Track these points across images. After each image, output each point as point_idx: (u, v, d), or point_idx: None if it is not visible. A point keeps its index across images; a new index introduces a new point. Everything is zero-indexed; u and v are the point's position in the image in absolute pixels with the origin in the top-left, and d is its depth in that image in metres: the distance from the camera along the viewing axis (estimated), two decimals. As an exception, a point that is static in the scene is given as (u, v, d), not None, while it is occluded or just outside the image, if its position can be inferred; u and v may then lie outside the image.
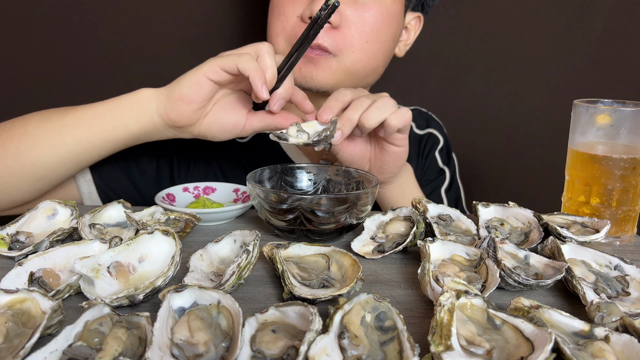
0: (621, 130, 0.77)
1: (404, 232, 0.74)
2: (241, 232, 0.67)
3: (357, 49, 0.94)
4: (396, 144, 0.86)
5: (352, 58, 0.94)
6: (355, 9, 0.92)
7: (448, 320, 0.47)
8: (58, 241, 0.69)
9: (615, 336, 0.48)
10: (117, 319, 0.49)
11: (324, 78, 0.95)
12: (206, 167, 1.07)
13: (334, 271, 0.62)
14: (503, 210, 0.79)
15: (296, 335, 0.48)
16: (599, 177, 0.78)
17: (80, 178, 0.97)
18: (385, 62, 1.01)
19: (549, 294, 0.62)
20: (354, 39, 0.93)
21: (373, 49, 0.95)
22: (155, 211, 0.77)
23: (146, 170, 1.05)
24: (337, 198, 0.71)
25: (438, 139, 1.18)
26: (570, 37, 1.29)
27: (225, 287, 0.56)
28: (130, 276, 0.59)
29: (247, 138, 1.11)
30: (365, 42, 0.94)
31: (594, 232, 0.73)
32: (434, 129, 1.20)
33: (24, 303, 0.51)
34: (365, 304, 0.52)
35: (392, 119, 0.80)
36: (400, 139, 0.85)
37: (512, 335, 0.48)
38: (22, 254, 0.65)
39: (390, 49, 1.00)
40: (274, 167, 0.82)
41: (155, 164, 1.06)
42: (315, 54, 0.93)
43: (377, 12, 0.93)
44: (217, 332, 0.48)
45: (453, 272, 0.61)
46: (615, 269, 0.64)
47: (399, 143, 0.86)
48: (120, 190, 1.02)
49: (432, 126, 1.21)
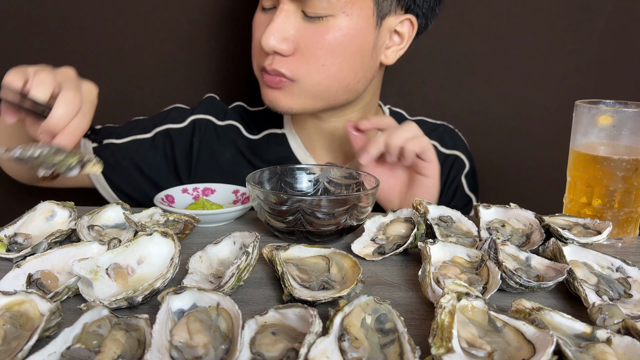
0: (623, 131, 0.77)
1: (405, 234, 0.74)
2: (241, 234, 0.67)
3: (314, 73, 0.95)
4: (423, 172, 0.90)
5: (311, 82, 0.96)
6: (305, 35, 0.93)
7: (449, 323, 0.47)
8: (56, 243, 0.69)
9: (617, 338, 0.48)
10: (116, 321, 0.49)
11: (288, 103, 0.98)
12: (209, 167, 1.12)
13: (334, 273, 0.62)
14: (504, 212, 0.79)
15: (296, 338, 0.48)
16: (600, 178, 0.78)
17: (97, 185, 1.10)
18: (359, 78, 0.99)
19: (550, 296, 0.62)
20: (309, 64, 0.94)
21: (333, 70, 0.95)
22: (154, 212, 0.77)
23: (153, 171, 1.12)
24: (337, 199, 0.71)
25: (464, 163, 1.18)
26: (572, 37, 1.29)
27: (224, 289, 0.56)
28: (129, 278, 0.59)
29: (259, 135, 1.15)
30: (322, 66, 0.94)
31: (596, 233, 0.73)
32: (460, 152, 1.18)
33: (22, 305, 0.51)
34: (365, 306, 0.52)
35: (409, 144, 0.86)
36: (426, 167, 0.89)
37: (513, 337, 0.48)
38: (20, 256, 0.65)
39: (362, 64, 0.98)
40: (274, 168, 0.83)
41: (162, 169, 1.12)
42: (273, 80, 0.96)
43: (330, 35, 0.92)
44: (216, 334, 0.48)
45: (454, 274, 0.61)
46: (617, 271, 0.64)
47: (426, 172, 0.90)
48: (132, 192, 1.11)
49: (458, 147, 1.19)
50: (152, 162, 1.11)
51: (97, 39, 1.28)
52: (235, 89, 1.33)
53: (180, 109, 1.17)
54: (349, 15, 0.93)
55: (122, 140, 1.11)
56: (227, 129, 1.15)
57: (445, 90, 1.34)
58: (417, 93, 1.33)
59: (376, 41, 0.98)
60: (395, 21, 0.99)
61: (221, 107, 1.18)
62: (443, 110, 1.32)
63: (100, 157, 1.02)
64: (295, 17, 0.93)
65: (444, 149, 1.17)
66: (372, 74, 1.02)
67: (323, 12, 0.91)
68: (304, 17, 0.92)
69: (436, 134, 1.18)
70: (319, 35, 0.93)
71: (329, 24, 0.92)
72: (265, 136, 1.15)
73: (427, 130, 1.16)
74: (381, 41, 0.99)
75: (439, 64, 1.32)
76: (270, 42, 0.91)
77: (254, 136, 1.16)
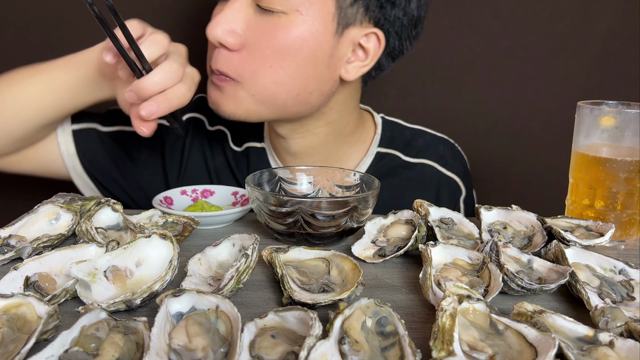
0: (626, 132, 0.77)
1: (406, 236, 0.74)
2: (240, 236, 0.67)
3: (260, 75, 0.88)
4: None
5: (256, 85, 0.89)
6: (255, 30, 0.87)
7: (450, 326, 0.47)
8: (46, 247, 0.68)
9: (620, 341, 0.48)
10: (114, 324, 0.49)
11: (231, 107, 0.92)
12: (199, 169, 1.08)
13: (334, 275, 0.62)
14: (506, 214, 0.79)
15: (296, 341, 0.48)
16: (603, 180, 0.78)
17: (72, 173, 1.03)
18: (312, 89, 0.92)
19: (552, 299, 0.62)
20: (255, 63, 0.88)
21: (281, 74, 0.88)
22: (153, 214, 0.77)
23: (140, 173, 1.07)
24: (338, 201, 0.71)
25: (461, 190, 1.12)
26: (574, 38, 1.29)
27: (223, 291, 0.56)
28: (127, 280, 0.59)
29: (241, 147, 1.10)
30: (269, 67, 0.88)
31: (599, 235, 0.73)
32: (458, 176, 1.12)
33: (20, 308, 0.51)
34: (366, 308, 0.52)
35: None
36: None
37: (515, 340, 0.48)
38: (5, 259, 0.65)
39: (315, 73, 0.90)
40: (274, 169, 0.83)
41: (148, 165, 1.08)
42: (218, 79, 0.90)
43: (281, 33, 0.86)
44: (215, 337, 0.48)
45: (455, 276, 0.61)
46: (620, 274, 0.64)
47: None
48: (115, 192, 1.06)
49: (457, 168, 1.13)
50: (137, 157, 1.06)
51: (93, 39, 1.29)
52: None
53: None
54: (304, 15, 0.86)
55: (107, 128, 1.06)
56: (217, 134, 1.10)
57: (446, 92, 1.34)
58: (417, 94, 1.33)
59: (334, 50, 0.90)
60: (359, 33, 0.91)
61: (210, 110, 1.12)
62: (443, 112, 1.32)
63: (81, 140, 1.00)
64: (247, 10, 0.87)
65: (444, 170, 1.11)
66: (329, 87, 0.94)
67: (278, 6, 0.85)
68: (257, 10, 0.87)
69: (437, 153, 1.12)
70: (269, 32, 0.86)
71: (281, 21, 0.86)
72: (246, 149, 1.09)
73: (427, 144, 1.12)
74: (341, 52, 0.91)
75: (439, 65, 1.32)
76: (217, 33, 0.85)
77: (237, 148, 1.10)
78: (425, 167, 1.10)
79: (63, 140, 1.01)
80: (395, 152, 1.09)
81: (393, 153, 1.09)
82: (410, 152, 1.10)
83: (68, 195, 0.79)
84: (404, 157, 1.10)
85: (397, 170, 1.08)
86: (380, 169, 1.07)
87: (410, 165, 1.09)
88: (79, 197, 0.79)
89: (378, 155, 1.09)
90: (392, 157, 1.09)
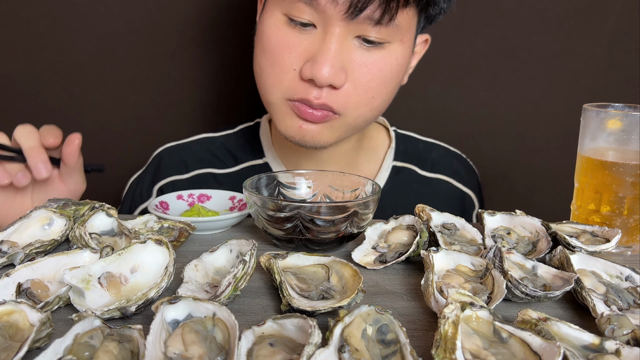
0: (633, 135, 0.77)
1: (407, 242, 0.74)
2: (237, 242, 0.67)
3: (362, 105, 0.89)
4: None
5: (355, 114, 0.90)
6: (360, 65, 0.86)
7: (452, 333, 0.48)
8: (39, 253, 0.67)
9: (627, 350, 0.48)
10: (109, 332, 0.49)
11: (326, 138, 0.92)
12: None
13: (334, 282, 0.62)
14: (510, 219, 0.80)
15: (295, 349, 0.48)
16: (609, 184, 0.78)
17: None
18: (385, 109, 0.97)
19: (557, 306, 0.62)
20: (359, 96, 0.88)
21: (377, 102, 0.91)
22: (149, 219, 0.77)
23: None
24: (337, 206, 0.71)
25: (475, 204, 1.15)
26: (580, 39, 1.30)
27: (220, 298, 0.56)
28: (122, 287, 0.59)
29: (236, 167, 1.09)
30: (371, 98, 0.89)
31: (605, 241, 0.73)
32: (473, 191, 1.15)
33: (12, 315, 0.51)
34: (366, 316, 0.52)
35: None
36: None
37: (519, 348, 0.48)
38: None
39: (394, 94, 0.95)
40: (272, 174, 0.83)
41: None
42: (320, 116, 0.88)
43: (385, 66, 0.87)
44: (212, 345, 0.48)
45: (458, 283, 0.61)
46: (627, 280, 0.65)
47: None
48: None
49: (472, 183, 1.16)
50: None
51: (89, 40, 1.29)
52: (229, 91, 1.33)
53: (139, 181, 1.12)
54: (404, 43, 0.88)
55: None
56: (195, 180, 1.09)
57: (449, 93, 1.34)
58: (419, 96, 1.34)
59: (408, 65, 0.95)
60: (419, 41, 0.96)
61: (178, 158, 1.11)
62: (446, 114, 1.33)
63: None
64: (349, 43, 0.84)
65: (460, 185, 1.14)
66: None
67: (387, 37, 0.85)
68: (361, 44, 0.85)
69: (452, 168, 1.15)
70: (375, 65, 0.86)
71: (386, 52, 0.86)
72: (245, 169, 1.08)
73: (441, 158, 1.15)
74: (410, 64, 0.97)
75: (442, 66, 1.32)
76: (327, 74, 0.82)
77: (230, 169, 1.09)
78: (441, 182, 1.13)
79: None
80: (411, 166, 1.12)
81: (409, 167, 1.12)
82: (425, 166, 1.13)
83: (61, 200, 0.79)
84: (420, 171, 1.12)
85: (412, 185, 1.10)
86: (396, 184, 1.09)
87: (426, 180, 1.12)
88: (73, 202, 0.79)
89: (394, 169, 1.10)
90: (409, 171, 1.12)
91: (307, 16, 0.83)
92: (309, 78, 0.84)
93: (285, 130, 0.92)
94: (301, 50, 0.85)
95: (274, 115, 0.93)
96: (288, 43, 0.85)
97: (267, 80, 0.90)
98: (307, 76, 0.84)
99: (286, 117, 0.91)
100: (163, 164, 1.11)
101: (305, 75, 0.84)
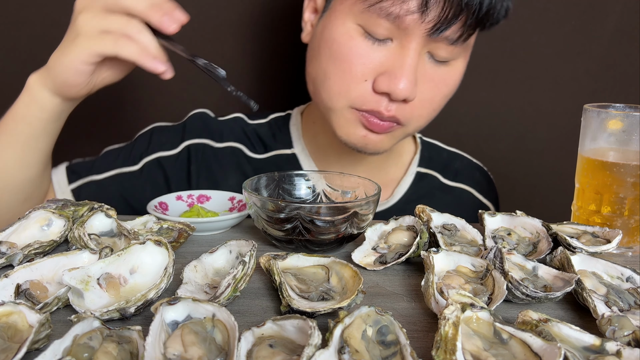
0: (633, 136, 0.77)
1: (407, 243, 0.74)
2: (237, 243, 0.67)
3: (424, 117, 0.92)
4: None
5: (415, 125, 0.93)
6: (429, 81, 0.88)
7: (453, 335, 0.48)
8: (38, 254, 0.67)
9: (628, 351, 0.48)
10: (108, 333, 0.49)
11: (387, 145, 0.94)
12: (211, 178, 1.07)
13: (334, 283, 0.62)
14: (510, 220, 0.80)
15: (294, 350, 0.48)
16: (610, 185, 0.78)
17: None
18: None
19: (558, 307, 0.62)
20: (424, 109, 0.90)
21: (436, 113, 0.94)
22: (148, 220, 0.77)
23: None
24: (337, 207, 0.71)
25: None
26: (581, 39, 1.29)
27: (220, 299, 0.56)
28: (121, 288, 0.59)
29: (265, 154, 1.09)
30: (432, 110, 0.92)
31: (605, 242, 0.73)
32: (492, 203, 1.18)
33: (10, 316, 0.51)
34: (366, 317, 0.52)
35: None
36: None
37: (519, 350, 0.48)
38: None
39: None
40: (271, 174, 0.83)
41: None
42: (386, 126, 0.89)
43: (451, 81, 0.90)
44: (211, 346, 0.48)
45: (458, 284, 0.61)
46: (628, 281, 0.65)
47: None
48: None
49: (491, 195, 1.19)
50: (141, 195, 1.03)
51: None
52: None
53: (165, 130, 1.09)
54: (465, 59, 0.91)
55: (104, 175, 1.05)
56: (226, 151, 1.08)
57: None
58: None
59: None
60: None
61: (216, 126, 1.10)
62: (446, 115, 1.32)
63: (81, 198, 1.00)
64: (422, 58, 0.86)
65: (480, 197, 1.16)
66: None
67: (455, 55, 0.87)
68: (431, 60, 0.87)
69: (474, 179, 1.17)
70: (443, 82, 0.89)
71: (451, 68, 0.89)
72: (272, 157, 1.08)
73: (464, 168, 1.17)
74: None
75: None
76: (405, 89, 0.83)
77: (260, 155, 1.09)
78: (463, 192, 1.14)
79: None
80: (434, 173, 1.13)
81: (432, 174, 1.13)
82: (448, 175, 1.14)
83: (60, 201, 0.79)
84: (443, 179, 1.14)
85: (434, 192, 1.11)
86: (419, 190, 1.10)
87: (448, 189, 1.13)
88: (72, 203, 0.79)
89: (418, 175, 1.12)
90: (432, 178, 1.13)
91: (386, 31, 0.83)
92: (384, 91, 0.85)
93: (348, 138, 0.92)
94: (375, 62, 0.85)
95: (334, 121, 0.93)
96: (362, 54, 0.85)
97: (333, 87, 0.89)
98: (383, 89, 0.84)
99: (350, 124, 0.91)
100: (199, 125, 1.09)
101: (380, 88, 0.85)
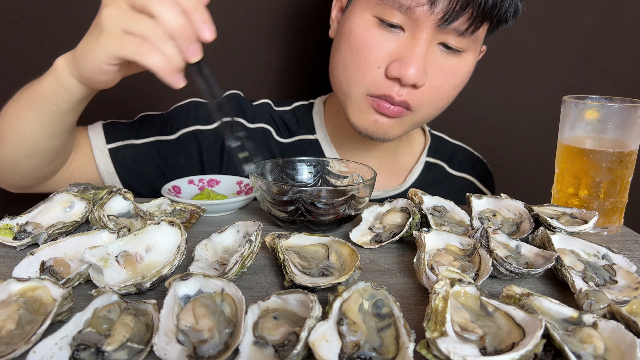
0: (609, 125, 0.76)
1: (401, 223, 0.73)
2: (244, 223, 0.67)
3: (431, 104, 0.90)
4: None
5: (423, 112, 0.90)
6: (439, 69, 0.86)
7: (442, 308, 0.47)
8: (61, 234, 0.67)
9: (603, 323, 0.48)
10: (125, 306, 0.49)
11: (396, 132, 0.92)
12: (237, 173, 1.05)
13: (333, 260, 0.62)
14: (495, 202, 0.79)
15: (297, 322, 0.48)
16: (587, 170, 0.78)
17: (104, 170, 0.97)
18: None
19: (539, 282, 0.62)
20: (432, 96, 0.88)
21: (444, 103, 0.92)
22: (162, 202, 0.76)
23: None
24: (336, 190, 0.71)
25: None
26: (560, 36, 1.28)
27: (228, 275, 0.56)
28: (137, 265, 0.59)
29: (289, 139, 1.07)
30: (440, 99, 0.90)
31: (583, 222, 0.73)
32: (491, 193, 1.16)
33: (36, 291, 0.51)
34: (363, 291, 0.51)
35: None
36: None
37: (504, 321, 0.48)
38: (22, 245, 0.64)
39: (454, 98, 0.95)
40: (276, 160, 0.82)
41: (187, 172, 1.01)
42: (397, 111, 0.87)
43: (459, 72, 0.88)
44: (221, 318, 0.48)
45: (447, 261, 0.60)
46: (603, 258, 0.64)
47: None
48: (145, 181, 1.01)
49: (490, 185, 1.18)
50: (174, 165, 1.01)
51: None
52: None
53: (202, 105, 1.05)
54: (475, 53, 0.89)
55: (142, 140, 1.01)
56: (258, 132, 1.06)
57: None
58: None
59: None
60: None
61: (249, 107, 1.07)
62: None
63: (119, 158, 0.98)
64: (432, 48, 0.84)
65: (481, 186, 1.16)
66: None
67: (464, 46, 0.85)
68: (442, 50, 0.85)
69: (475, 170, 1.17)
70: (453, 71, 0.87)
71: (461, 59, 0.87)
72: (297, 142, 1.06)
73: (467, 159, 1.17)
74: None
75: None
76: (414, 74, 0.82)
77: (285, 139, 1.06)
78: (465, 181, 1.15)
79: (102, 161, 0.96)
80: (441, 163, 1.13)
81: (440, 164, 1.13)
82: (453, 165, 1.14)
83: (81, 185, 0.79)
84: (448, 168, 1.14)
85: (441, 180, 1.12)
86: (428, 177, 1.10)
87: (453, 178, 1.13)
88: (92, 186, 0.78)
89: (427, 164, 1.12)
90: (439, 167, 1.13)
91: (398, 20, 0.82)
92: (395, 77, 0.84)
93: (360, 123, 0.91)
94: (388, 50, 0.84)
95: (349, 108, 0.92)
96: (376, 43, 0.84)
97: (351, 76, 0.88)
98: (394, 75, 0.84)
99: (363, 110, 0.90)
100: (233, 105, 1.06)
101: (391, 73, 0.84)
